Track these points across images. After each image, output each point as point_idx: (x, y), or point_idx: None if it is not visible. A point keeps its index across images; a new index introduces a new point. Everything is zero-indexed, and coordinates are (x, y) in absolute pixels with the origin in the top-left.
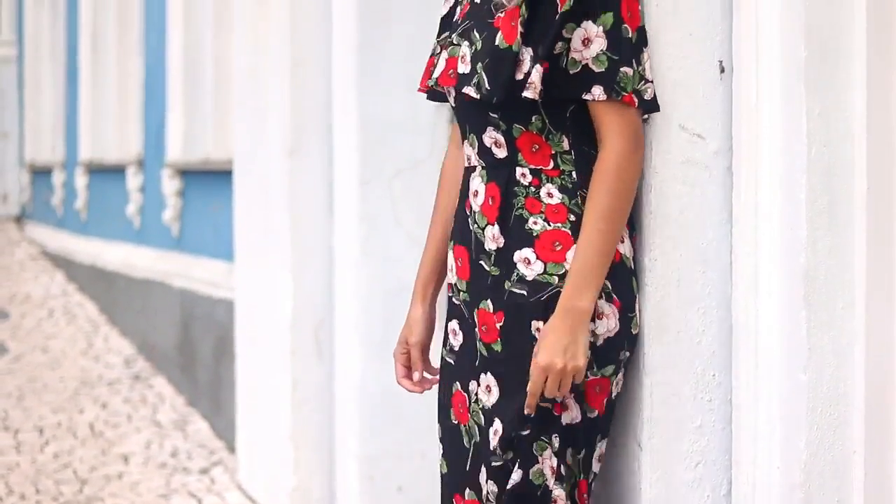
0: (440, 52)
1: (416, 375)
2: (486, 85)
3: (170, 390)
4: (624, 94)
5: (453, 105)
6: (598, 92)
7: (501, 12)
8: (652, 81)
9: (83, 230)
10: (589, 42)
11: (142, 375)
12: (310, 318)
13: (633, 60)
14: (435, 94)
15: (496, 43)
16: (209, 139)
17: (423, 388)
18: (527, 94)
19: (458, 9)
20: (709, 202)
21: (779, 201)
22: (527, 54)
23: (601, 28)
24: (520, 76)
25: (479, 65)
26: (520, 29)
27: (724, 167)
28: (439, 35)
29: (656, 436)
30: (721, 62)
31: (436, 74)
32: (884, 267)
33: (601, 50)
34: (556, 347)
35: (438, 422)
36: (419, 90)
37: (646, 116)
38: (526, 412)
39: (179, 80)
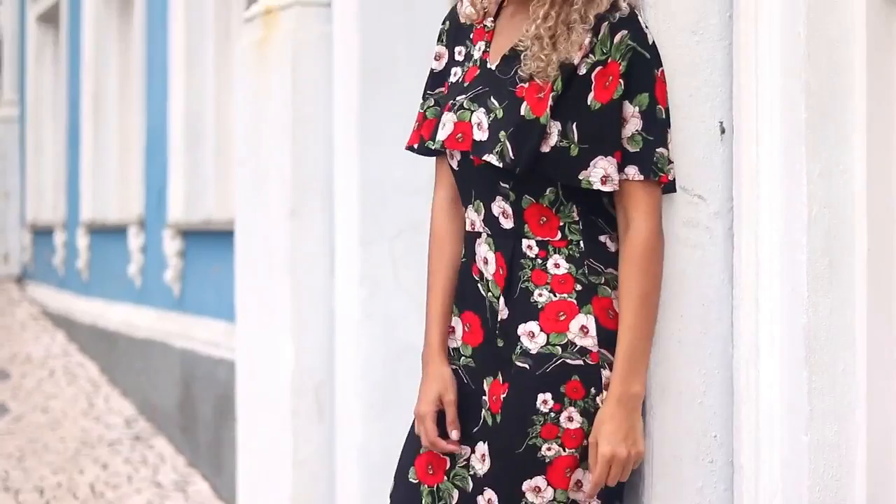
0: (441, 112)
1: (455, 434)
2: (511, 154)
3: (170, 451)
4: (661, 174)
5: (455, 169)
6: (632, 171)
7: (527, 83)
8: (673, 163)
9: (84, 290)
10: (624, 122)
11: (142, 436)
12: (310, 379)
13: (666, 141)
14: (425, 150)
15: (522, 113)
16: (210, 200)
17: (459, 447)
18: (604, 188)
19: (460, 70)
20: (709, 263)
21: (779, 262)
22: (554, 128)
23: (637, 108)
24: (546, 149)
25: (502, 133)
26: (550, 102)
27: (725, 228)
28: (431, 89)
29: (658, 497)
30: (721, 123)
31: (441, 136)
32: (885, 328)
33: (637, 130)
34: (618, 436)
35: (394, 478)
36: (407, 146)
37: None
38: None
39: (181, 141)
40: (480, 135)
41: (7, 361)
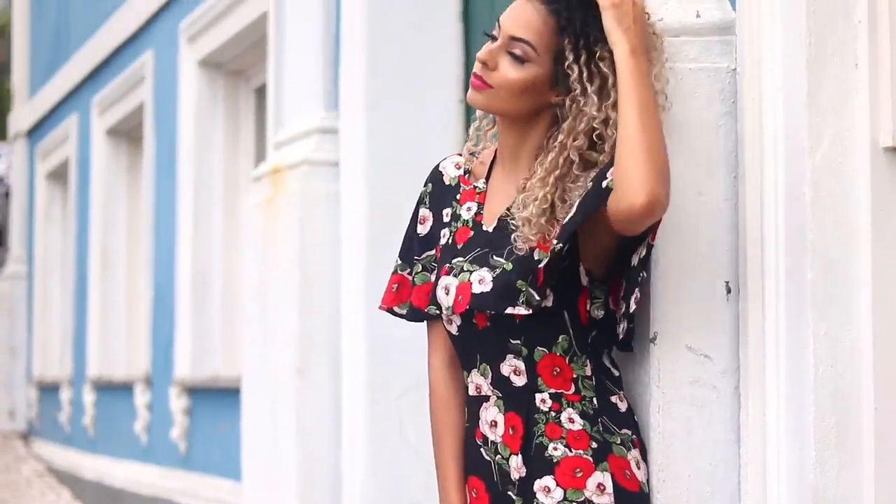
0: (437, 277)
1: None
2: (536, 297)
3: None
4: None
5: (455, 334)
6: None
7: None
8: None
9: (90, 447)
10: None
11: None
12: None
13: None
14: (417, 316)
15: (536, 258)
16: (217, 357)
17: None
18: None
19: (448, 231)
20: (716, 422)
21: (786, 421)
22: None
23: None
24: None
25: (520, 283)
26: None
27: (732, 387)
28: (418, 253)
29: None
30: (727, 283)
31: (448, 303)
32: (893, 488)
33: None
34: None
35: None
36: (381, 307)
37: (653, 335)
38: None
39: (188, 298)
40: (481, 287)
41: None
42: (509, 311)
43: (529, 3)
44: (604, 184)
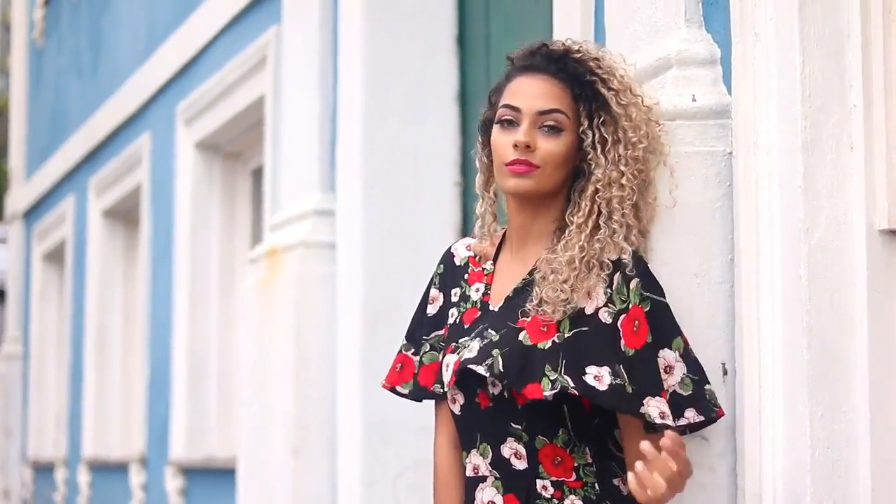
0: (443, 355)
1: None
2: (500, 367)
3: None
4: (717, 408)
5: (458, 413)
6: (691, 414)
7: (528, 318)
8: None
9: None
10: (671, 369)
11: None
12: None
13: (706, 377)
14: (419, 395)
15: (519, 339)
16: (213, 437)
17: None
18: (663, 422)
19: (457, 311)
20: None
21: (783, 503)
22: (604, 371)
23: (677, 353)
24: (602, 387)
25: (496, 351)
26: (554, 339)
27: (729, 469)
28: (427, 333)
29: None
30: (724, 364)
31: (445, 379)
32: None
33: (684, 374)
34: None
35: None
36: (384, 385)
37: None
38: None
39: (184, 379)
40: (468, 353)
41: None
42: (472, 366)
43: (540, 80)
44: (642, 410)
